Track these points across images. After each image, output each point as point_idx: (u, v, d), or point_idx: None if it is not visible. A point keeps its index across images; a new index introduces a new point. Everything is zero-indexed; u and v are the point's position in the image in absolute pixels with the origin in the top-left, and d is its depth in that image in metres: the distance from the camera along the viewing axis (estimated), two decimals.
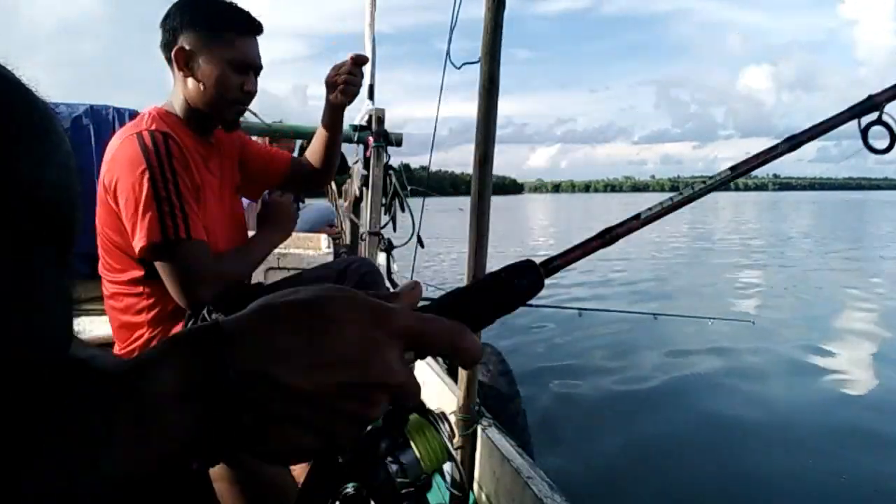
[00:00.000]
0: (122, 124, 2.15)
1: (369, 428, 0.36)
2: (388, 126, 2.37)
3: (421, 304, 0.38)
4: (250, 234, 1.39)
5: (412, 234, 2.17)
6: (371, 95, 2.49)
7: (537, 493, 1.10)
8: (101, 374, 0.29)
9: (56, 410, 0.26)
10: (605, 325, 4.58)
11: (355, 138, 2.39)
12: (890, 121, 0.55)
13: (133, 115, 2.17)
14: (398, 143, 2.38)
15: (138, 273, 1.17)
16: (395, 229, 2.37)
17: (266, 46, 1.32)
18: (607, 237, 0.45)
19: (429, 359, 1.91)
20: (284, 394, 0.29)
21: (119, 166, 1.10)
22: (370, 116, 2.36)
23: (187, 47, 1.18)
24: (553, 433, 3.19)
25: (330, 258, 2.35)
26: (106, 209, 1.15)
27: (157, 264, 1.11)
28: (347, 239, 4.28)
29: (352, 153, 2.87)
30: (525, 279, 0.40)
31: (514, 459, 1.22)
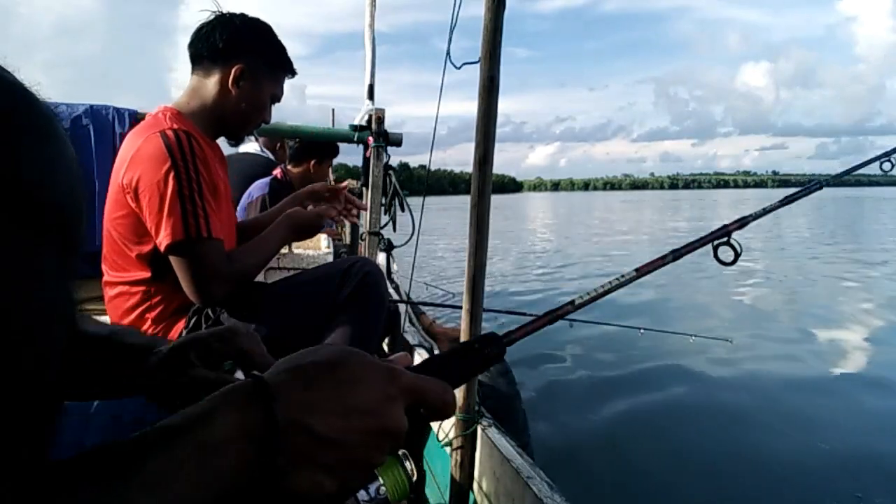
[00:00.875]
0: (121, 124, 2.15)
1: None
2: (386, 125, 2.37)
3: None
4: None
5: (412, 234, 2.18)
6: (371, 95, 2.49)
7: (537, 493, 1.10)
8: (164, 427, 0.32)
9: (121, 449, 0.30)
10: (598, 337, 4.81)
11: (355, 138, 2.39)
12: (735, 243, 0.81)
13: (133, 114, 2.17)
14: (398, 144, 2.38)
15: (144, 274, 1.17)
16: (395, 229, 2.37)
17: None
18: (553, 316, 0.63)
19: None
20: (317, 440, 0.33)
21: (143, 164, 1.11)
22: (370, 116, 2.36)
23: (247, 69, 1.26)
24: (553, 432, 3.22)
25: (330, 258, 2.35)
26: (119, 207, 1.15)
27: (175, 261, 1.12)
28: (347, 239, 4.28)
29: (352, 153, 2.88)
30: (492, 348, 0.50)
31: (514, 459, 1.22)
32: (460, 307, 1.35)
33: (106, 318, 1.27)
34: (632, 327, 3.22)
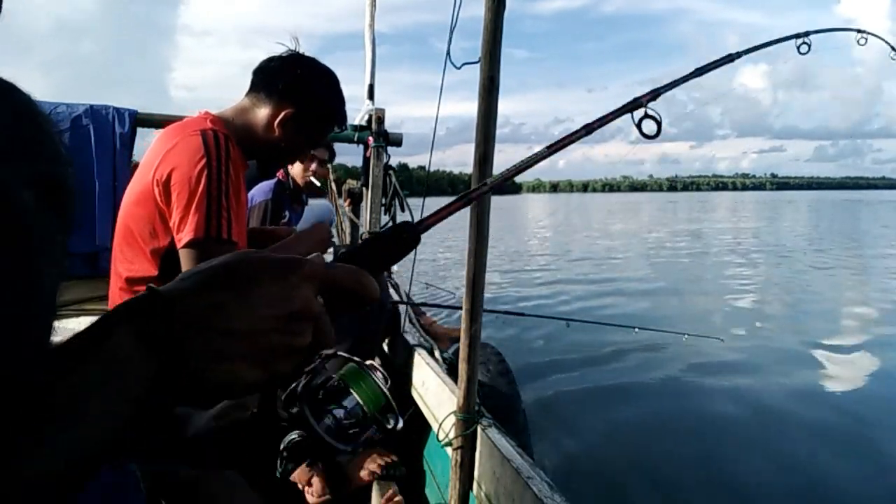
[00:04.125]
0: (122, 124, 2.15)
1: (303, 381, 0.43)
2: (385, 125, 2.37)
3: None
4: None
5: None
6: (371, 95, 2.50)
7: (537, 493, 1.10)
8: (61, 347, 0.33)
9: (36, 380, 0.30)
10: (593, 335, 4.86)
11: (355, 138, 2.39)
12: (654, 113, 0.76)
13: (133, 114, 2.18)
14: (398, 144, 2.39)
15: (151, 271, 1.17)
16: None
17: (265, 46, 1.34)
18: (465, 199, 0.62)
19: (429, 359, 1.91)
20: (223, 335, 0.35)
21: (178, 158, 1.13)
22: (370, 116, 2.36)
23: (295, 114, 1.27)
24: (552, 433, 3.23)
25: (330, 258, 2.35)
26: (144, 202, 1.16)
27: (188, 256, 1.12)
28: (348, 239, 4.28)
29: (352, 153, 2.88)
30: (406, 233, 0.50)
31: (514, 459, 1.22)
32: (460, 307, 1.35)
33: None
34: (627, 326, 3.27)
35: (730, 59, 0.99)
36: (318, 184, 2.83)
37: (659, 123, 0.78)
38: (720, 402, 3.76)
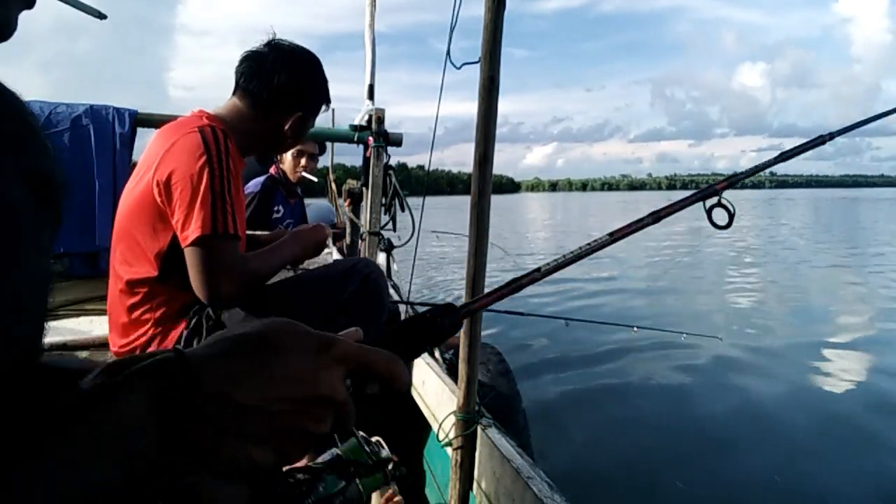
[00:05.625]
0: (122, 124, 2.15)
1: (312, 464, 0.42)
2: (384, 125, 2.36)
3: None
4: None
5: (412, 234, 2.17)
6: (371, 95, 2.49)
7: (537, 493, 1.10)
8: (80, 393, 0.31)
9: (42, 417, 0.29)
10: (593, 334, 4.93)
11: (355, 138, 2.39)
12: (727, 203, 0.71)
13: (133, 114, 2.17)
14: (398, 144, 2.38)
15: (151, 272, 1.17)
16: (394, 229, 2.37)
17: None
18: (516, 285, 0.56)
19: (429, 359, 1.91)
20: (241, 411, 0.33)
21: (178, 157, 1.13)
22: (370, 116, 2.36)
23: (303, 115, 1.31)
24: (552, 433, 3.23)
25: (330, 258, 2.35)
26: (144, 203, 1.15)
27: (194, 254, 1.11)
28: (348, 239, 4.28)
29: (351, 153, 2.88)
30: (447, 319, 0.47)
31: (514, 459, 1.22)
32: None
33: (105, 319, 1.27)
34: (626, 325, 3.29)
35: (821, 140, 0.91)
36: (314, 179, 2.83)
37: (731, 214, 0.72)
38: (718, 401, 3.79)
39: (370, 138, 2.34)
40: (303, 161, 2.75)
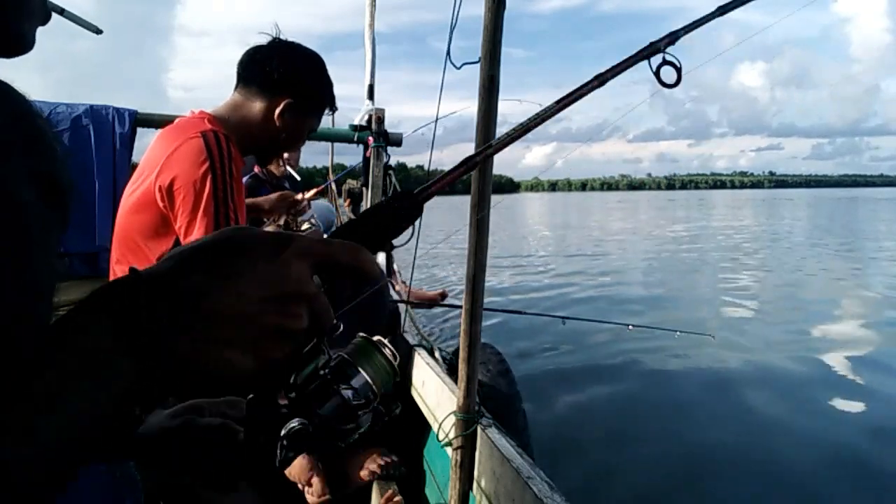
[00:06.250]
0: (122, 124, 2.15)
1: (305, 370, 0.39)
2: (384, 125, 2.37)
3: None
4: None
5: (412, 234, 2.17)
6: (371, 95, 2.49)
7: (537, 493, 1.10)
8: (50, 340, 0.31)
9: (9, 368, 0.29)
10: (587, 333, 5.02)
11: (355, 138, 2.39)
12: (672, 59, 0.69)
13: (133, 114, 2.17)
14: (398, 144, 2.39)
15: None
16: None
17: None
18: (470, 164, 0.56)
19: (429, 359, 1.91)
20: (211, 319, 0.32)
21: (181, 163, 1.13)
22: (370, 116, 2.36)
23: (293, 103, 1.28)
24: (552, 433, 3.25)
25: None
26: (145, 207, 1.16)
27: None
28: None
29: (351, 153, 2.88)
30: (406, 203, 0.46)
31: (514, 459, 1.22)
32: (460, 306, 1.35)
33: None
34: (621, 324, 3.31)
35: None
36: (297, 177, 2.82)
37: (679, 70, 0.70)
38: (717, 400, 3.81)
39: (370, 138, 2.34)
40: (286, 154, 2.74)
